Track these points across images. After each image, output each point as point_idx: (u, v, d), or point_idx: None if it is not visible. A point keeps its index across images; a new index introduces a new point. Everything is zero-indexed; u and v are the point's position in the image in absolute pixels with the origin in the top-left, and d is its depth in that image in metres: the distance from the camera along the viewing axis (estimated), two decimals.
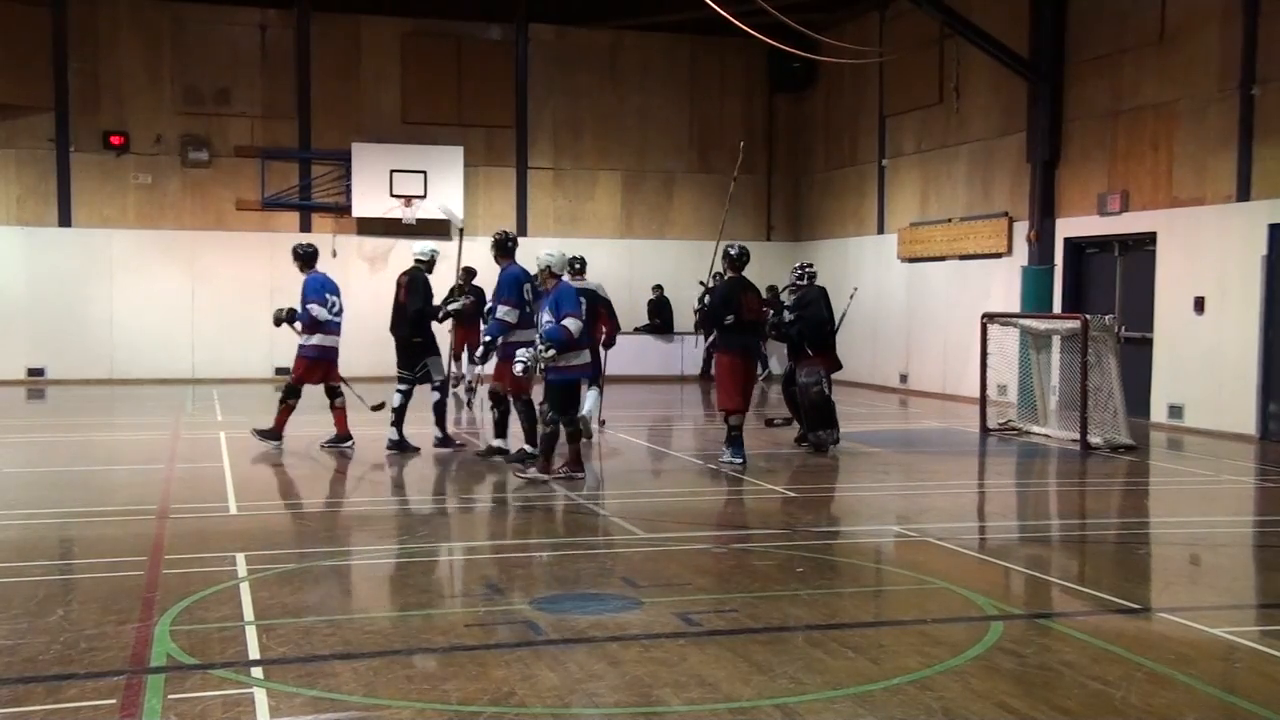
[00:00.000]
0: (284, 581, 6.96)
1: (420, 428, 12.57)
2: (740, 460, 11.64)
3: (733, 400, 11.69)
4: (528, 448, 11.28)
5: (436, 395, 12.55)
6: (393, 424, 12.25)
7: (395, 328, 12.56)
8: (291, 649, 5.61)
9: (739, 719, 4.73)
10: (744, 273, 11.92)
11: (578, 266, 14.32)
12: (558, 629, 5.94)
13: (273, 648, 5.61)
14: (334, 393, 12.52)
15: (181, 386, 20.34)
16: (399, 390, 12.28)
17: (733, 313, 11.59)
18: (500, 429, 11.74)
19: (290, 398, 12.41)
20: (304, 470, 11.58)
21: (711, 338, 18.88)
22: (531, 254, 10.90)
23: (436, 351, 12.63)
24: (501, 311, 11.08)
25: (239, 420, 15.49)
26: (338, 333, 12.50)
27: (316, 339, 12.39)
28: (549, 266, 10.54)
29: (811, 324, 12.88)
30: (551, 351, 10.22)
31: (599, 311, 13.86)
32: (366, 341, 22.43)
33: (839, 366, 13.50)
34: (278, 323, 12.66)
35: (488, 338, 11.19)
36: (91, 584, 6.99)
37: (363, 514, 9.48)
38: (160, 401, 17.74)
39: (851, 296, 15.28)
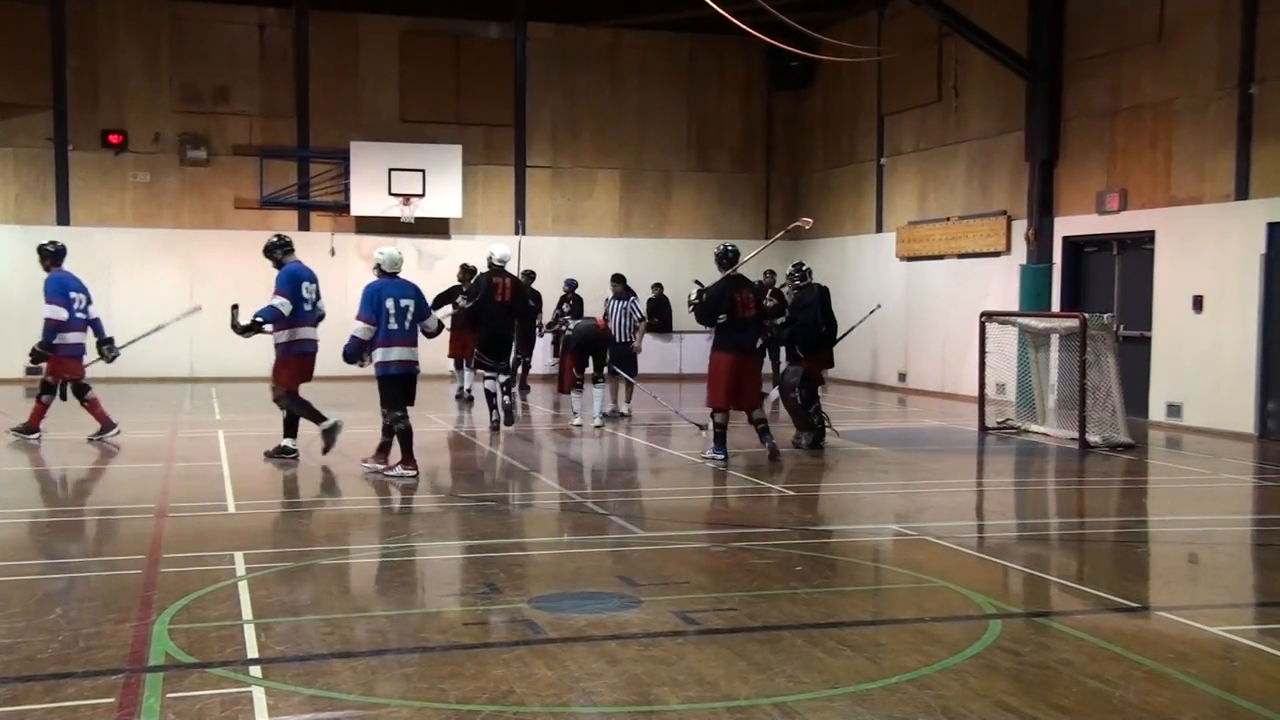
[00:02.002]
0: (282, 580, 6.95)
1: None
2: (722, 456, 11.77)
3: (718, 398, 11.82)
4: (287, 443, 11.52)
5: (505, 380, 14.30)
6: (492, 408, 13.98)
7: (498, 324, 13.83)
8: (290, 647, 5.61)
9: (737, 717, 4.73)
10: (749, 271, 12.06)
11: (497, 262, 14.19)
12: (556, 627, 5.93)
13: (271, 646, 5.61)
14: (83, 390, 13.05)
15: (179, 385, 20.33)
16: (489, 378, 13.94)
17: (725, 311, 11.66)
18: (290, 428, 11.76)
19: (45, 394, 12.96)
20: (302, 469, 11.57)
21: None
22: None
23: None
24: (276, 301, 11.33)
25: (238, 419, 15.50)
26: (84, 330, 13.07)
27: (71, 336, 12.86)
28: (379, 265, 10.86)
29: (805, 328, 12.90)
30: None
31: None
32: None
33: (828, 365, 13.50)
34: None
35: (259, 319, 11.34)
36: (90, 582, 6.98)
37: (361, 512, 9.48)
38: (158, 400, 17.73)
39: (871, 312, 15.23)
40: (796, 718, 4.72)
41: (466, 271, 17.46)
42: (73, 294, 12.85)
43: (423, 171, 21.69)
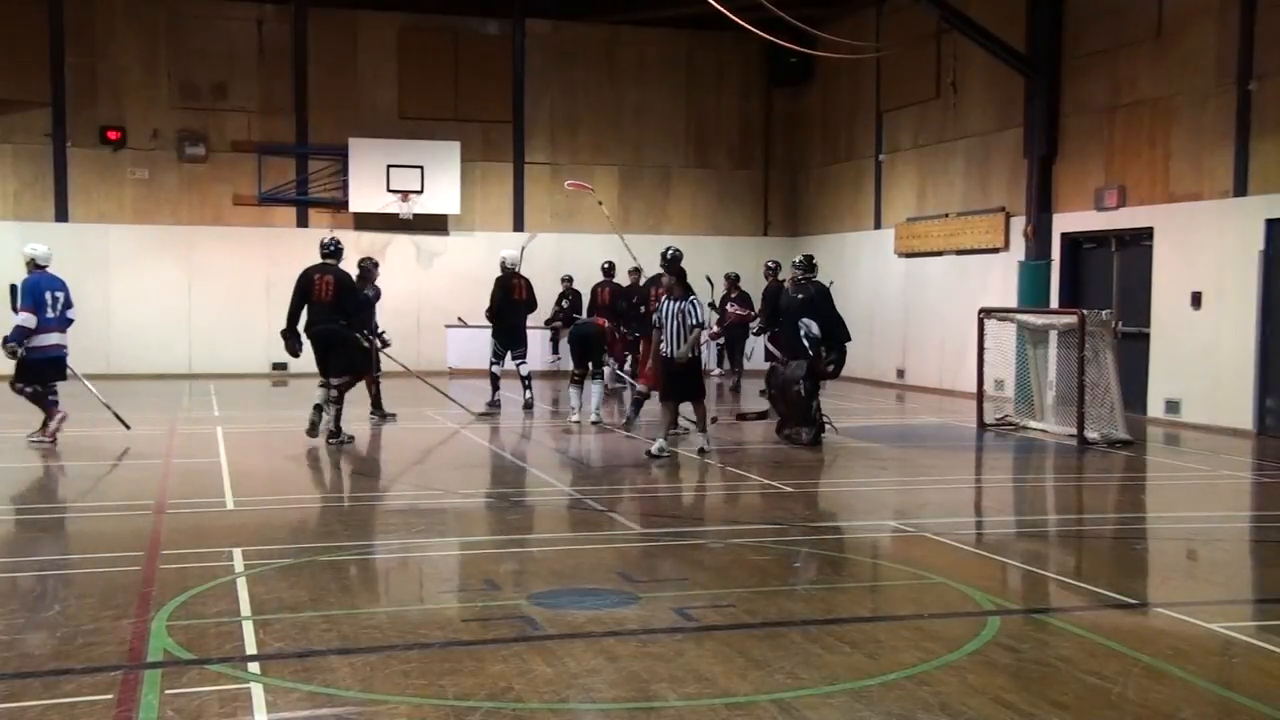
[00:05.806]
0: (281, 576, 6.95)
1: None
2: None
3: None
4: None
5: (525, 365, 15.96)
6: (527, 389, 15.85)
7: (516, 319, 15.77)
8: (288, 644, 5.61)
9: (736, 714, 4.73)
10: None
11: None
12: (555, 624, 5.94)
13: (270, 643, 5.61)
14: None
15: (178, 381, 20.32)
16: (495, 363, 15.76)
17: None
18: None
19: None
20: (301, 465, 11.58)
21: (715, 326, 19.42)
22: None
23: None
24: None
25: (236, 415, 15.50)
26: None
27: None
28: (34, 259, 12.15)
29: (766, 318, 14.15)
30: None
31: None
32: None
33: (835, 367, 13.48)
34: None
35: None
36: (88, 579, 6.98)
37: (360, 508, 9.48)
38: (157, 396, 17.72)
39: (829, 285, 15.26)
40: (795, 714, 4.72)
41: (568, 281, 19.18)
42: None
43: (421, 168, 21.68)
